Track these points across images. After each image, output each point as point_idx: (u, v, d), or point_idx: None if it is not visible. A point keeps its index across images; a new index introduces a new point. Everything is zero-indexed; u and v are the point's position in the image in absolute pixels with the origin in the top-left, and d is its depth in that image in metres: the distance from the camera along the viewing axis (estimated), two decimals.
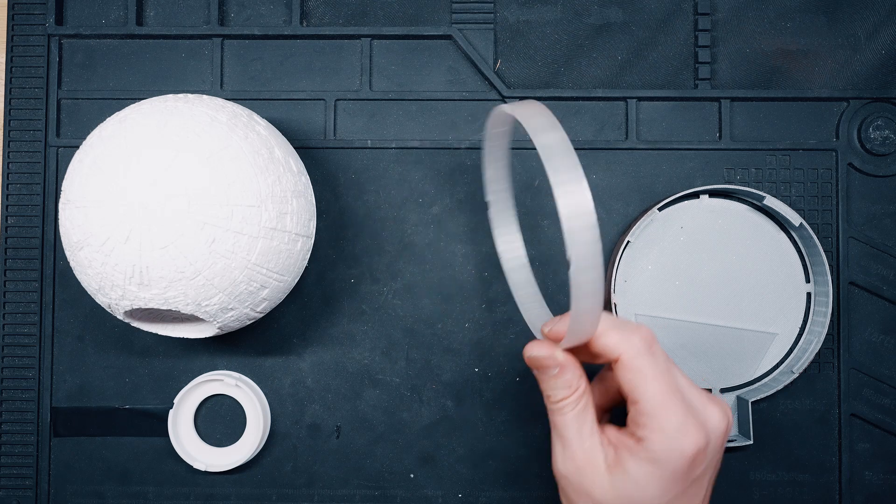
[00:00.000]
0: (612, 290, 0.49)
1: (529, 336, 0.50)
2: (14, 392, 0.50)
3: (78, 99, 0.51)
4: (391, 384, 0.50)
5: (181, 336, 0.46)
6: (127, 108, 0.44)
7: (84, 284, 0.43)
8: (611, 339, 0.38)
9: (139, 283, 0.40)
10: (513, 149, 0.51)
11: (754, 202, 0.50)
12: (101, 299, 0.43)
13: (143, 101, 0.44)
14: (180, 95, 0.44)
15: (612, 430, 0.39)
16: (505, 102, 0.51)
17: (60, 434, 0.50)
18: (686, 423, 0.37)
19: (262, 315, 0.46)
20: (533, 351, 0.39)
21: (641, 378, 0.37)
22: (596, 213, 0.33)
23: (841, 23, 0.51)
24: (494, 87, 0.51)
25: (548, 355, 0.39)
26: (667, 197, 0.49)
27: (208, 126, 0.42)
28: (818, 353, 0.49)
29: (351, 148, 0.51)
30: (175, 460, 0.50)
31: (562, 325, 0.39)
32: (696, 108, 0.51)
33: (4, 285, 0.50)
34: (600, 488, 0.38)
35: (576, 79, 0.51)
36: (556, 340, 0.39)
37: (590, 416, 0.39)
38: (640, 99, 0.51)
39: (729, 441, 0.48)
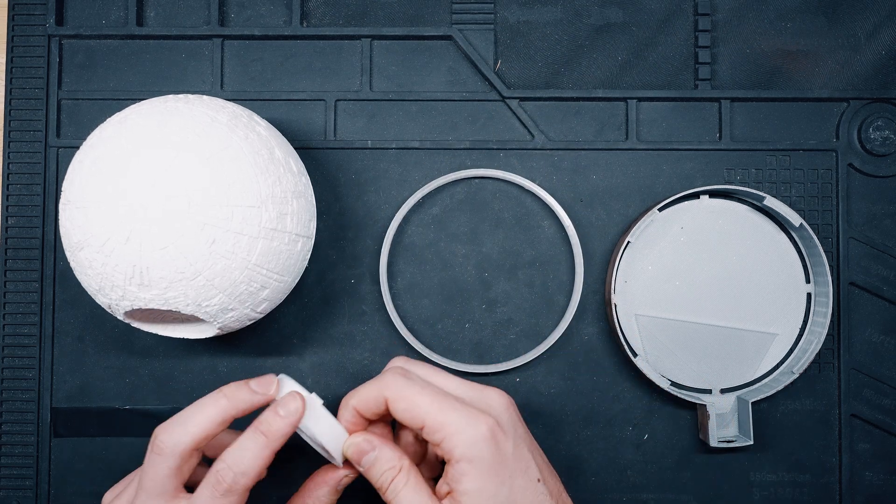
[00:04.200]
0: (612, 291, 0.49)
1: (530, 336, 0.50)
2: (14, 392, 0.50)
3: (78, 99, 0.51)
4: None
5: (181, 336, 0.46)
6: (127, 108, 0.44)
7: (84, 285, 0.43)
8: (368, 394, 0.42)
9: (139, 284, 0.40)
10: (512, 149, 0.51)
11: (754, 202, 0.50)
12: (101, 300, 0.43)
13: (143, 102, 0.44)
14: (180, 96, 0.44)
15: (441, 483, 0.42)
16: (505, 102, 0.51)
17: (60, 434, 0.50)
18: (468, 412, 0.40)
19: (262, 315, 0.46)
20: (350, 440, 0.42)
21: (411, 402, 0.41)
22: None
23: (841, 23, 0.51)
24: (494, 88, 0.51)
25: (363, 440, 0.42)
26: (667, 197, 0.49)
27: (208, 126, 0.42)
28: (818, 354, 0.49)
29: (351, 148, 0.51)
30: None
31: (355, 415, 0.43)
32: (697, 109, 0.51)
33: (4, 285, 0.50)
34: None
35: (576, 79, 0.51)
36: (360, 428, 0.43)
37: (423, 486, 0.41)
38: (640, 99, 0.51)
39: (729, 441, 0.48)
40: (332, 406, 0.44)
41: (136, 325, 0.45)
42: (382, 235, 0.50)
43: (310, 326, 0.51)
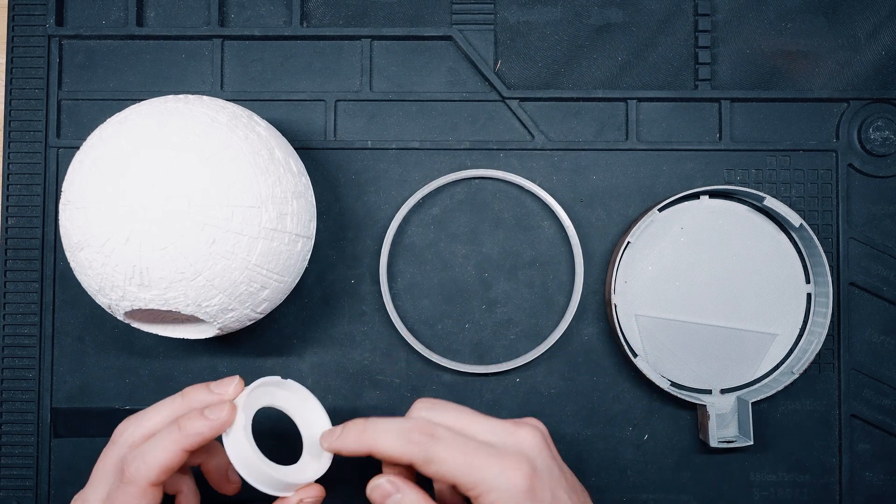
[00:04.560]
0: (612, 291, 0.49)
1: (530, 336, 0.50)
2: (14, 392, 0.50)
3: (78, 99, 0.51)
4: (391, 385, 0.50)
5: (181, 337, 0.46)
6: (127, 108, 0.44)
7: (84, 285, 0.43)
8: (390, 450, 0.39)
9: (139, 284, 0.41)
10: (512, 149, 0.51)
11: (754, 203, 0.50)
12: (101, 300, 0.43)
13: (143, 102, 0.44)
14: (180, 96, 0.44)
15: None
16: (505, 103, 0.51)
17: (61, 435, 0.50)
18: (502, 463, 0.38)
19: (262, 316, 0.46)
20: (373, 482, 0.41)
21: (441, 464, 0.38)
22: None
23: (841, 23, 0.51)
24: (494, 88, 0.51)
25: (386, 481, 0.40)
26: (667, 197, 0.49)
27: (208, 127, 0.42)
28: (818, 354, 0.49)
29: (351, 149, 0.51)
30: None
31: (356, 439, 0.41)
32: (697, 109, 0.51)
33: (4, 286, 0.50)
34: None
35: (576, 79, 0.51)
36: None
37: None
38: (640, 100, 0.51)
39: (729, 441, 0.48)
40: (333, 413, 0.44)
41: (136, 325, 0.45)
42: (382, 235, 0.50)
43: (310, 326, 0.51)
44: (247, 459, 0.41)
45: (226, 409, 0.40)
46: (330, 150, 0.51)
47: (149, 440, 0.40)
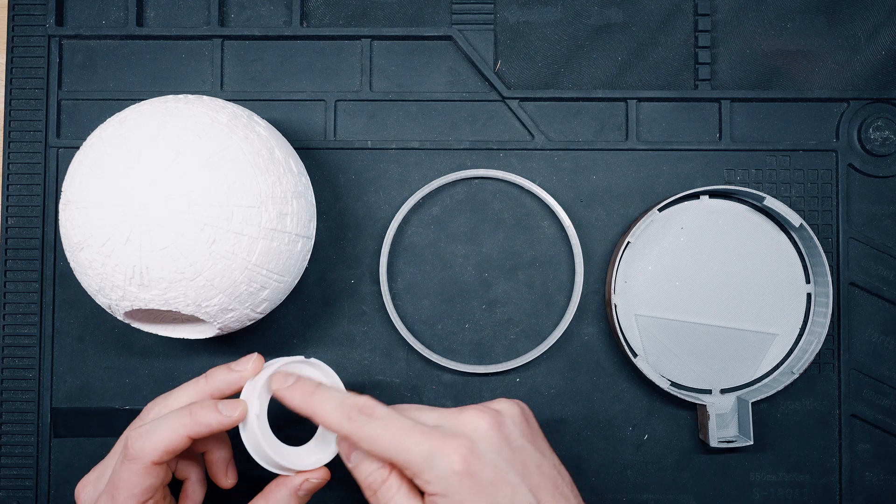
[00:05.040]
0: (612, 291, 0.49)
1: (530, 336, 0.50)
2: (14, 392, 0.50)
3: (78, 99, 0.51)
4: (391, 385, 0.50)
5: (181, 337, 0.46)
6: (127, 108, 0.44)
7: (84, 285, 0.43)
8: (330, 425, 0.40)
9: (139, 284, 0.41)
10: (512, 149, 0.51)
11: (754, 203, 0.50)
12: (101, 300, 0.43)
13: (143, 102, 0.44)
14: (180, 96, 0.44)
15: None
16: (505, 103, 0.51)
17: (61, 435, 0.50)
18: (436, 444, 0.37)
19: (262, 316, 0.46)
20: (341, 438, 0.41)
21: (374, 441, 0.38)
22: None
23: (841, 23, 0.51)
24: (494, 88, 0.51)
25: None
26: (667, 197, 0.49)
27: (208, 127, 0.42)
28: (818, 354, 0.49)
29: (351, 149, 0.51)
30: None
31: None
32: (697, 109, 0.51)
33: (4, 286, 0.50)
34: None
35: (576, 79, 0.51)
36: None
37: (415, 495, 0.39)
38: (640, 100, 0.51)
39: (729, 441, 0.48)
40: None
41: (136, 325, 0.45)
42: (382, 235, 0.50)
43: (310, 326, 0.51)
44: (257, 446, 0.41)
45: (239, 409, 0.41)
46: (330, 150, 0.51)
47: (157, 420, 0.40)
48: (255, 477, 0.45)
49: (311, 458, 0.43)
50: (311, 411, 0.40)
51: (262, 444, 0.41)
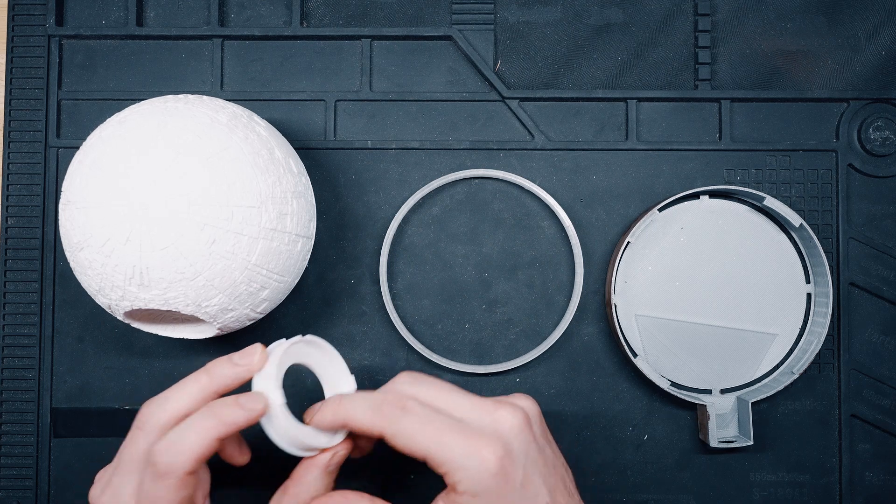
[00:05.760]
0: (612, 291, 0.49)
1: (530, 336, 0.50)
2: (14, 392, 0.50)
3: (78, 99, 0.51)
4: None
5: (181, 337, 0.46)
6: (127, 108, 0.44)
7: (84, 285, 0.43)
8: (362, 421, 0.39)
9: (139, 284, 0.41)
10: (512, 149, 0.51)
11: (754, 203, 0.50)
12: (101, 300, 0.43)
13: (143, 102, 0.44)
14: (180, 96, 0.44)
15: (438, 500, 0.39)
16: (505, 103, 0.51)
17: (61, 435, 0.50)
18: (473, 443, 0.37)
19: (262, 316, 0.46)
20: (323, 499, 0.41)
21: (410, 438, 0.38)
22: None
23: (841, 23, 0.51)
24: (494, 88, 0.51)
25: (339, 494, 0.40)
26: (667, 197, 0.49)
27: (208, 127, 0.42)
28: (818, 354, 0.49)
29: (351, 149, 0.51)
30: None
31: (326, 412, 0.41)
32: (697, 109, 0.51)
33: (4, 286, 0.50)
34: None
35: (576, 79, 0.51)
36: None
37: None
38: (640, 100, 0.51)
39: (729, 441, 0.48)
40: None
41: (136, 325, 0.45)
42: (382, 235, 0.50)
43: (310, 326, 0.51)
44: (286, 434, 0.40)
45: (261, 401, 0.39)
46: (330, 150, 0.51)
47: (179, 427, 0.38)
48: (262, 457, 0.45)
49: (329, 434, 0.42)
50: (344, 420, 0.40)
51: (291, 431, 0.40)
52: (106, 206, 0.40)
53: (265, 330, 0.50)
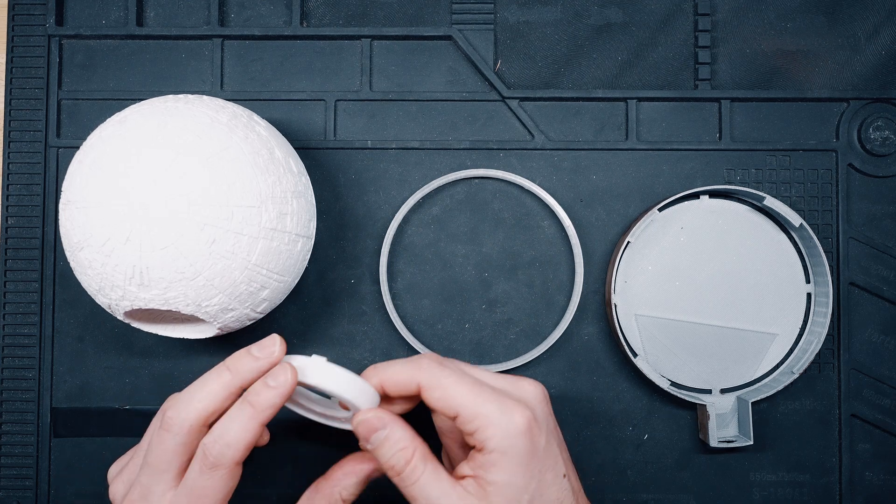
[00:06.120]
0: (612, 291, 0.49)
1: (530, 336, 0.50)
2: (14, 392, 0.50)
3: (78, 99, 0.51)
4: None
5: (181, 336, 0.46)
6: (127, 108, 0.44)
7: (84, 285, 0.43)
8: (400, 374, 0.41)
9: (139, 284, 0.41)
10: (512, 149, 0.51)
11: (754, 202, 0.50)
12: (101, 300, 0.43)
13: (143, 102, 0.44)
14: (180, 96, 0.44)
15: (463, 465, 0.40)
16: (505, 102, 0.51)
17: (61, 435, 0.50)
18: (504, 403, 0.39)
19: (262, 316, 0.46)
20: (360, 416, 0.40)
21: (446, 390, 0.39)
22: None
23: (841, 23, 0.51)
24: (494, 88, 0.51)
25: (374, 416, 0.40)
26: (667, 197, 0.49)
27: (208, 127, 0.42)
28: (818, 354, 0.49)
29: (351, 148, 0.51)
30: None
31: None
32: (696, 109, 0.51)
33: (4, 285, 0.50)
34: None
35: (576, 79, 0.51)
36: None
37: (442, 471, 0.40)
38: (640, 99, 0.51)
39: (729, 441, 0.48)
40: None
41: (136, 325, 0.45)
42: (382, 235, 0.50)
43: (310, 326, 0.51)
44: (351, 383, 0.40)
45: (286, 372, 0.40)
46: (330, 150, 0.51)
47: (222, 422, 0.39)
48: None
49: (368, 396, 0.41)
50: (382, 378, 0.41)
51: (350, 377, 0.40)
52: (106, 206, 0.40)
53: (265, 330, 0.50)
